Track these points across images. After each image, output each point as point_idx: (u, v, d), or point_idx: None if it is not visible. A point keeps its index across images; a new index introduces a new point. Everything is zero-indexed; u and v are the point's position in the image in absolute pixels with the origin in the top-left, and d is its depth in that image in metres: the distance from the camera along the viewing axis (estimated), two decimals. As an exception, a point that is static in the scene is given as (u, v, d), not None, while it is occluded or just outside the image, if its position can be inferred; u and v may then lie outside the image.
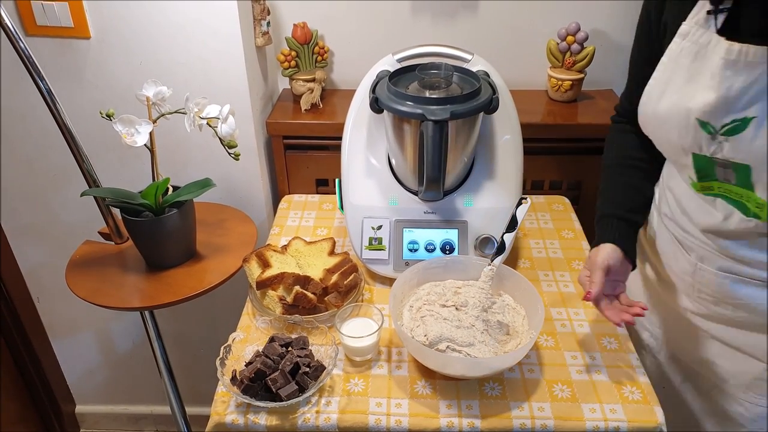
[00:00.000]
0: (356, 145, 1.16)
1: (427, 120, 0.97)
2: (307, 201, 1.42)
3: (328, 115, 1.42)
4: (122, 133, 1.02)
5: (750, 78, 0.73)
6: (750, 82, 0.73)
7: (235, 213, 1.33)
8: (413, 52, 1.12)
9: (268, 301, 1.06)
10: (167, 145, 1.33)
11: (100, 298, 1.09)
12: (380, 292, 1.13)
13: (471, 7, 1.42)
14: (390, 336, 1.03)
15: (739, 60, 0.73)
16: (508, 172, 1.15)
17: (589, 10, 1.42)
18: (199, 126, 1.08)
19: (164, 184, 1.08)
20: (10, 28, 0.98)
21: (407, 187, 1.15)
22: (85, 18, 1.23)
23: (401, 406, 0.90)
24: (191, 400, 1.58)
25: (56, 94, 1.04)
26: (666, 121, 0.84)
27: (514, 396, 0.92)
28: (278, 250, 1.15)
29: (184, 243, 1.17)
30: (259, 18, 1.33)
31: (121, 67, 1.29)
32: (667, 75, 0.84)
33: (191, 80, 1.29)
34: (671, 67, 0.83)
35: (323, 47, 1.44)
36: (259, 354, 0.93)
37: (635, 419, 0.88)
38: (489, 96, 1.03)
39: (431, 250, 1.12)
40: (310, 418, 0.89)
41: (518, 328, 0.98)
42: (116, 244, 1.23)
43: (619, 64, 1.50)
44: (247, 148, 1.37)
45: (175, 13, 1.22)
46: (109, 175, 1.38)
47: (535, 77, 1.51)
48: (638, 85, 0.91)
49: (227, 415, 0.89)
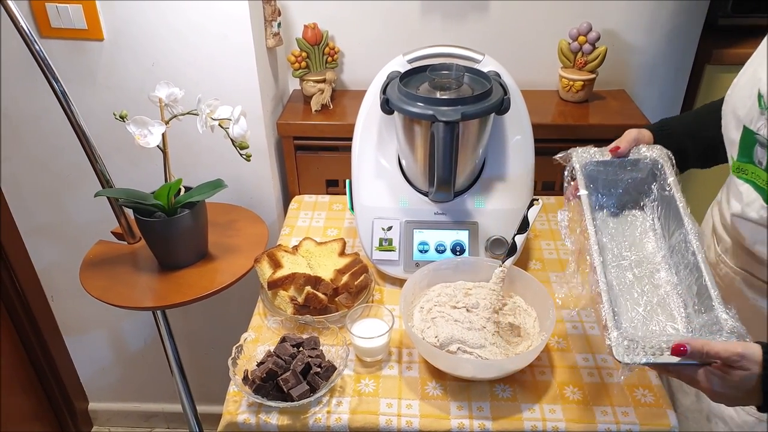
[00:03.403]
0: (366, 146, 1.17)
1: (438, 121, 0.97)
2: (318, 202, 1.43)
3: (338, 116, 1.42)
4: (135, 134, 1.03)
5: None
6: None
7: (246, 213, 1.33)
8: (424, 53, 1.12)
9: (279, 302, 1.07)
10: (179, 146, 1.34)
11: (113, 297, 1.10)
12: (391, 292, 1.14)
13: (482, 7, 1.41)
14: (400, 337, 1.03)
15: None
16: (519, 173, 1.15)
17: (601, 10, 1.41)
18: (211, 127, 1.08)
19: (176, 184, 1.09)
20: (25, 30, 0.99)
21: (417, 188, 1.15)
22: (98, 20, 1.24)
23: (412, 407, 0.90)
24: (202, 399, 1.59)
25: (70, 96, 1.05)
26: (742, 88, 0.84)
27: (525, 398, 0.91)
28: (289, 250, 1.15)
29: (196, 243, 1.18)
30: (270, 19, 1.34)
31: (133, 69, 1.30)
32: (764, 49, 0.84)
33: (203, 81, 1.30)
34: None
35: (334, 48, 1.45)
36: (271, 354, 0.94)
37: (647, 422, 0.87)
38: (500, 97, 1.03)
39: (442, 251, 1.12)
40: (321, 419, 0.89)
41: (529, 330, 0.98)
42: (129, 244, 1.24)
43: (631, 64, 1.49)
44: (258, 149, 1.38)
45: (187, 14, 1.23)
46: (122, 175, 1.39)
47: (546, 78, 1.50)
48: None
49: (239, 415, 0.90)
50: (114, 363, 1.85)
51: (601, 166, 0.92)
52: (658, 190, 0.91)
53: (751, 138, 0.81)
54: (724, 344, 0.68)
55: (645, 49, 1.46)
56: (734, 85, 0.88)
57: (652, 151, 0.91)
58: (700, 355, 0.68)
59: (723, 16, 1.47)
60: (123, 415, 1.96)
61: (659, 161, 0.90)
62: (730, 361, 0.67)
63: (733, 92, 0.87)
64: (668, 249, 0.87)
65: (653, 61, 1.48)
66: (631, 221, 0.93)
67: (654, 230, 0.90)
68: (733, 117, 0.85)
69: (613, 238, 0.90)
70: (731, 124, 0.86)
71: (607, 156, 0.91)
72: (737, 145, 0.85)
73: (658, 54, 1.47)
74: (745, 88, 0.83)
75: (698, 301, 0.78)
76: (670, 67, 1.49)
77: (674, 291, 0.83)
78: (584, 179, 0.90)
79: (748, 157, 0.83)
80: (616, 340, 0.73)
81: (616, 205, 0.94)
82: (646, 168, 0.91)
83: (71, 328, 1.77)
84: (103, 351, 1.81)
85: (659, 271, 0.86)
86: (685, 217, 0.84)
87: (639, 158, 0.91)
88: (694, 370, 0.70)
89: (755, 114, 0.80)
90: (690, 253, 0.81)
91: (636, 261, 0.87)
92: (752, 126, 0.80)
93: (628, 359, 0.71)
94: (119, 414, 1.96)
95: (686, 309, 0.80)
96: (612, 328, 0.74)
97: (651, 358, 0.70)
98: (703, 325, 0.75)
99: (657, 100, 1.53)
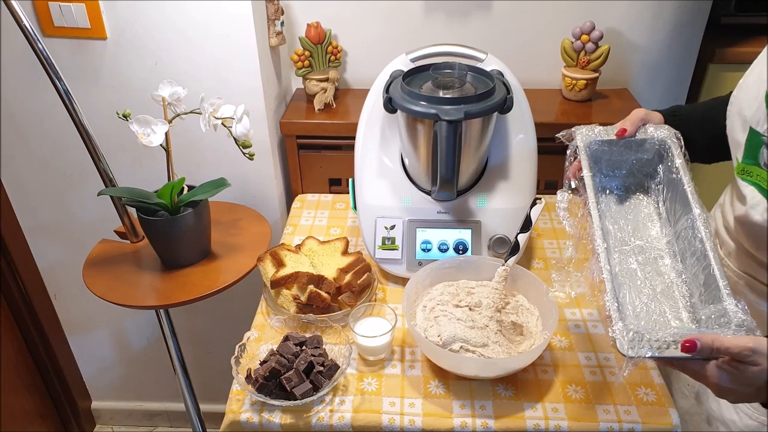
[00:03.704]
0: (369, 144, 1.17)
1: (440, 120, 0.97)
2: (320, 200, 1.43)
3: (341, 115, 1.42)
4: (138, 133, 1.03)
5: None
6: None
7: (249, 212, 1.34)
8: (427, 52, 1.12)
9: (282, 300, 1.07)
10: (182, 145, 1.34)
11: (116, 296, 1.10)
12: (393, 291, 1.14)
13: (485, 6, 1.41)
14: (403, 336, 1.03)
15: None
16: (522, 171, 1.15)
17: (604, 9, 1.41)
18: (214, 126, 1.08)
19: (179, 183, 1.09)
20: (29, 29, 0.99)
21: (420, 187, 1.15)
22: (101, 19, 1.24)
23: (414, 406, 0.90)
24: (205, 398, 1.60)
25: (73, 95, 1.06)
26: (748, 89, 0.84)
27: (527, 397, 0.91)
28: (292, 249, 1.15)
29: (199, 242, 1.18)
30: (272, 18, 1.34)
31: (136, 68, 1.30)
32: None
33: (206, 80, 1.30)
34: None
35: (336, 47, 1.45)
36: (274, 353, 0.94)
37: (649, 421, 0.87)
38: (503, 96, 1.03)
39: (444, 250, 1.12)
40: (324, 417, 0.89)
41: (532, 329, 0.98)
42: (132, 243, 1.24)
43: (634, 63, 1.49)
44: (261, 147, 1.38)
45: (190, 13, 1.23)
46: (125, 174, 1.39)
47: (549, 76, 1.50)
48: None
49: (242, 414, 0.90)
50: (117, 362, 1.85)
51: (605, 146, 0.89)
52: (665, 173, 0.87)
53: (758, 140, 0.80)
54: (735, 339, 0.67)
55: (648, 47, 1.46)
56: (740, 85, 0.87)
57: (659, 131, 0.88)
58: (710, 350, 0.67)
59: (726, 15, 1.46)
60: (126, 414, 1.97)
61: (667, 142, 0.87)
62: (741, 356, 0.66)
63: (739, 93, 0.86)
64: (674, 234, 0.84)
65: (656, 59, 1.48)
66: (635, 204, 0.89)
67: (659, 214, 0.87)
68: (739, 118, 0.85)
69: (616, 222, 0.87)
70: (737, 125, 0.85)
71: (613, 136, 0.88)
72: (743, 147, 0.84)
73: (661, 53, 1.47)
74: (751, 89, 0.83)
75: (705, 291, 0.76)
76: (673, 66, 1.49)
77: (679, 278, 0.80)
78: (588, 159, 0.87)
79: (754, 159, 0.82)
80: (620, 332, 0.70)
81: (620, 186, 0.91)
82: (652, 149, 0.88)
83: (74, 327, 1.77)
84: (106, 350, 1.82)
85: (663, 258, 0.83)
86: (693, 203, 0.81)
87: (646, 138, 0.88)
88: (701, 364, 0.69)
89: (762, 115, 0.79)
90: (698, 240, 0.78)
91: (639, 246, 0.84)
92: (759, 128, 0.80)
93: (632, 353, 0.68)
94: (122, 413, 1.97)
95: (691, 298, 0.78)
96: (616, 319, 0.71)
97: (657, 352, 0.68)
98: (709, 316, 0.73)
99: (660, 99, 1.53)
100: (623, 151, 0.89)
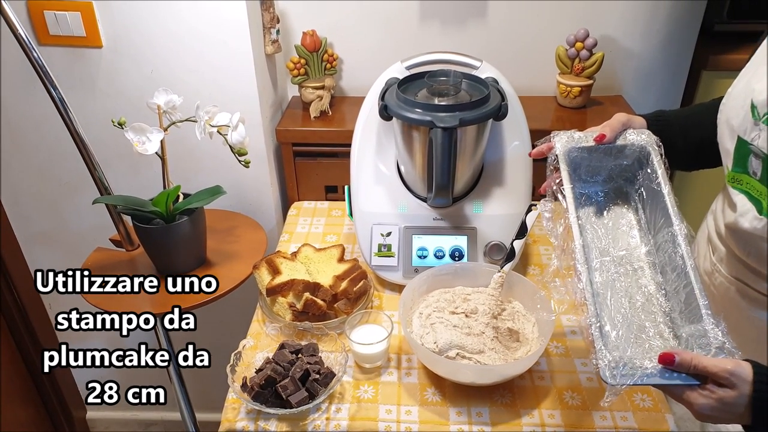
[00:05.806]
0: (365, 152, 1.17)
1: (436, 127, 0.97)
2: (317, 208, 1.43)
3: (337, 123, 1.43)
4: (134, 141, 1.03)
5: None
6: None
7: (245, 220, 1.33)
8: (422, 60, 1.13)
9: (278, 308, 1.07)
10: (178, 153, 1.34)
11: (111, 304, 1.09)
12: (390, 298, 1.14)
13: (480, 14, 1.42)
14: (399, 343, 1.03)
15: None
16: (518, 178, 1.15)
17: (598, 17, 1.42)
18: (210, 134, 1.09)
19: (175, 191, 1.09)
20: (24, 38, 0.99)
21: (416, 194, 1.15)
22: (97, 27, 1.24)
23: (411, 413, 0.90)
24: (201, 406, 1.58)
25: (68, 103, 1.06)
26: (735, 98, 0.84)
27: (524, 403, 0.91)
28: (288, 256, 1.15)
29: (195, 250, 1.18)
30: (268, 26, 1.34)
31: (132, 76, 1.30)
32: (758, 58, 0.83)
33: (201, 88, 1.31)
34: (764, 51, 0.82)
35: (332, 55, 1.45)
36: (270, 361, 0.94)
37: (646, 427, 0.87)
38: (498, 103, 1.04)
39: (440, 257, 1.12)
40: (320, 425, 0.89)
41: (528, 335, 0.98)
42: (127, 251, 1.24)
43: (628, 70, 1.49)
44: (257, 155, 1.38)
45: (186, 22, 1.24)
46: (121, 182, 1.39)
47: (544, 84, 1.51)
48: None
49: (238, 422, 0.90)
50: (112, 371, 1.84)
51: (585, 152, 0.87)
52: (645, 180, 0.86)
53: (746, 148, 0.81)
54: (715, 360, 0.66)
55: (642, 54, 1.47)
56: (728, 94, 0.87)
57: (639, 137, 0.87)
58: (688, 367, 0.66)
59: (719, 22, 1.47)
60: (121, 424, 1.95)
61: (647, 148, 0.86)
62: (719, 377, 0.65)
63: (728, 102, 0.87)
64: (654, 245, 0.84)
65: (650, 66, 1.49)
66: (615, 212, 0.88)
67: (639, 222, 0.86)
68: (727, 127, 0.85)
69: (596, 231, 0.86)
70: (726, 134, 0.86)
71: (592, 142, 0.87)
72: (732, 156, 0.85)
73: (655, 60, 1.48)
74: (738, 98, 0.83)
75: (685, 308, 0.75)
76: (666, 73, 1.50)
77: (659, 292, 0.80)
78: (568, 169, 0.85)
79: (743, 168, 0.83)
80: (603, 360, 0.69)
81: (600, 192, 0.90)
82: (632, 155, 0.87)
83: (69, 336, 1.76)
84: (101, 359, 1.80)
85: (644, 269, 0.82)
86: (674, 216, 0.80)
87: (626, 144, 0.87)
88: (681, 389, 0.68)
89: (749, 124, 0.80)
90: (678, 257, 0.78)
91: (619, 257, 0.83)
92: (746, 136, 0.80)
93: (614, 381, 0.68)
94: (118, 422, 1.95)
95: (672, 313, 0.77)
96: (600, 349, 0.70)
97: (639, 381, 0.68)
98: (690, 335, 0.73)
99: (654, 106, 1.53)
100: (603, 157, 0.88)
